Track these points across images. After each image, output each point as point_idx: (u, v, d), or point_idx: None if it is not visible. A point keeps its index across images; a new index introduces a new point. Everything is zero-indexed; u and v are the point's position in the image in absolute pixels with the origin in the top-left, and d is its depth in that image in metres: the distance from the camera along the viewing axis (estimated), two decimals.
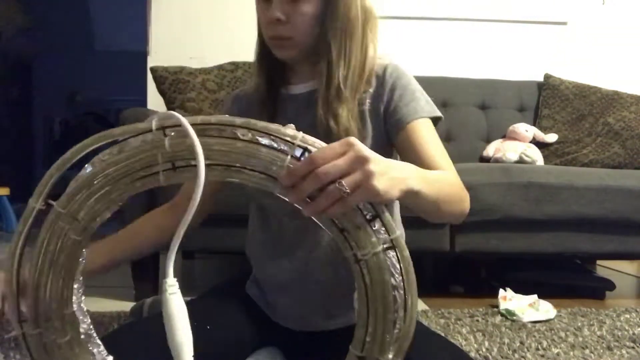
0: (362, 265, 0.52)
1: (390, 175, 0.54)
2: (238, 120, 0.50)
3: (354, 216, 0.52)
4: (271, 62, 0.87)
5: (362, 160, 0.51)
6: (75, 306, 0.54)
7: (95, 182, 0.52)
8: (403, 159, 0.83)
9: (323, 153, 0.50)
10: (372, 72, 0.86)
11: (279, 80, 0.89)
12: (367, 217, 0.52)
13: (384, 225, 0.52)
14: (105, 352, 0.57)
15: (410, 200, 0.61)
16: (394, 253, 0.52)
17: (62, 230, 0.52)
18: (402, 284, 0.52)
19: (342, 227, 0.53)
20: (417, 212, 0.70)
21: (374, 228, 0.52)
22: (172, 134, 0.50)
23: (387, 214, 0.53)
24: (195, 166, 0.50)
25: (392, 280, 0.52)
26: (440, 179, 0.73)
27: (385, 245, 0.52)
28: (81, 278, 0.55)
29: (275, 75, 0.89)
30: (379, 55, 0.88)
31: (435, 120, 0.87)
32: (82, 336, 0.55)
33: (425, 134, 0.83)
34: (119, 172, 0.51)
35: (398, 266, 0.52)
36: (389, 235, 0.52)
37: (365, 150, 0.52)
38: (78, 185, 0.52)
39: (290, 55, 0.83)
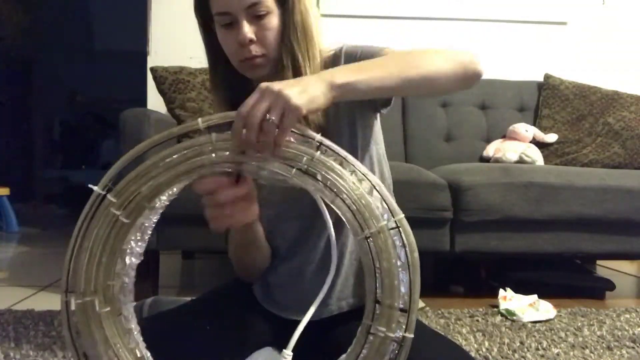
0: (369, 242, 0.59)
1: (308, 88, 0.62)
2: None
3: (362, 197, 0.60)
4: (235, 88, 0.88)
5: (274, 92, 0.60)
6: (117, 283, 0.62)
7: (145, 174, 0.61)
8: None
9: (245, 106, 0.60)
10: (327, 64, 0.88)
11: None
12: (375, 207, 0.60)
13: (389, 208, 0.60)
14: (140, 337, 0.64)
15: (356, 93, 0.66)
16: (398, 232, 0.60)
17: (114, 215, 0.60)
18: (407, 263, 0.59)
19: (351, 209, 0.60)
20: (397, 95, 0.77)
21: (379, 209, 0.60)
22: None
23: (390, 198, 0.61)
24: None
25: (398, 260, 0.59)
26: (376, 59, 0.75)
27: (390, 226, 0.59)
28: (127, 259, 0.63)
29: (241, 99, 0.90)
30: (329, 47, 0.91)
31: None
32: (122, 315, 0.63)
33: (371, 49, 0.86)
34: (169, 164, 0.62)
35: (402, 247, 0.59)
36: (394, 217, 0.60)
37: (275, 84, 0.61)
38: (130, 176, 0.61)
39: (264, 72, 0.85)
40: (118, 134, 1.71)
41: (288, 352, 0.64)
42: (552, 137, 2.25)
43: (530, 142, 2.22)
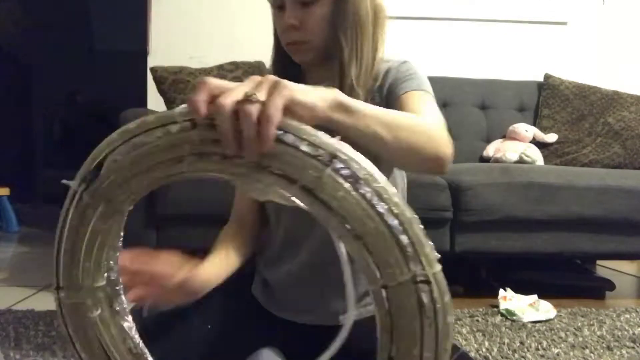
0: (388, 292, 0.45)
1: (313, 92, 0.50)
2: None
3: (383, 240, 0.44)
4: (286, 68, 0.88)
5: (262, 77, 0.47)
6: (105, 281, 0.54)
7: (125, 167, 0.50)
8: None
9: (215, 80, 0.45)
10: (379, 71, 0.85)
11: None
12: (401, 242, 0.44)
13: (420, 255, 0.44)
14: (137, 336, 0.59)
15: (349, 119, 0.54)
16: (429, 289, 0.44)
17: (94, 212, 0.51)
18: (434, 327, 0.45)
19: (368, 250, 0.45)
20: (372, 145, 0.61)
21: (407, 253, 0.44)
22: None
23: (425, 243, 0.45)
24: None
25: (420, 318, 0.45)
26: (396, 111, 0.69)
27: (418, 278, 0.44)
28: (117, 254, 0.55)
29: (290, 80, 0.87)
30: (387, 56, 0.88)
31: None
32: (115, 314, 0.57)
33: (415, 100, 0.80)
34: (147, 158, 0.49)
35: (431, 305, 0.44)
36: (425, 269, 0.44)
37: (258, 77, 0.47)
38: (110, 168, 0.50)
39: (308, 58, 0.84)
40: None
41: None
42: (552, 137, 2.25)
43: (530, 142, 2.22)
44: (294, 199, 0.46)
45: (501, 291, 1.71)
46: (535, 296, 1.67)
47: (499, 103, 2.42)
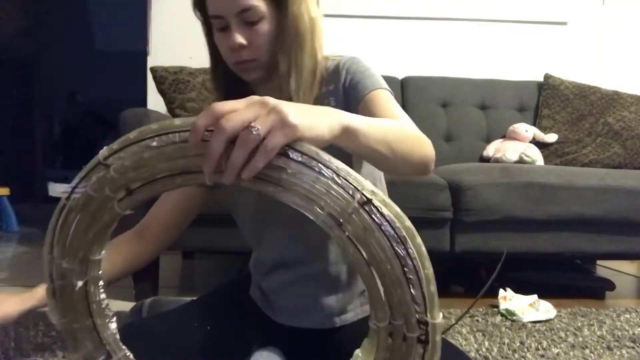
0: (344, 228, 0.47)
1: (313, 113, 0.50)
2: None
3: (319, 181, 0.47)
4: (230, 86, 0.88)
5: (268, 104, 0.46)
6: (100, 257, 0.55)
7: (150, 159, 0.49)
8: None
9: (225, 104, 0.46)
10: (323, 75, 0.87)
11: None
12: (335, 179, 0.47)
13: (351, 183, 0.47)
14: (119, 340, 0.59)
15: (354, 143, 0.56)
16: (374, 207, 0.47)
17: (109, 197, 0.50)
18: (395, 232, 0.47)
19: (311, 199, 0.47)
20: (374, 162, 0.67)
21: (341, 187, 0.47)
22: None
23: (350, 171, 0.48)
24: None
25: (384, 233, 0.47)
26: (384, 120, 0.70)
27: (360, 202, 0.46)
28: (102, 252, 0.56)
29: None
30: (330, 55, 0.89)
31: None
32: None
33: (382, 102, 0.81)
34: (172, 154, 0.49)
35: (384, 219, 0.47)
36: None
37: (268, 97, 0.47)
38: (137, 156, 0.49)
39: (258, 75, 0.84)
40: (118, 134, 1.70)
41: None
42: (552, 137, 2.25)
43: (530, 142, 2.22)
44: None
45: (501, 291, 1.71)
46: (535, 296, 1.67)
47: (499, 103, 2.42)
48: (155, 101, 2.28)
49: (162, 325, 0.85)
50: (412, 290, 0.48)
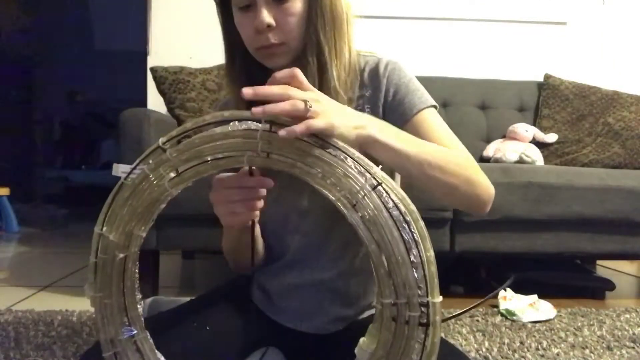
0: (358, 208, 0.54)
1: (348, 118, 0.61)
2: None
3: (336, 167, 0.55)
4: (251, 78, 0.78)
5: (325, 99, 0.60)
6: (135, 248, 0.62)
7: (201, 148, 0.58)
8: None
9: (299, 74, 0.59)
10: (356, 72, 0.81)
11: None
12: (352, 165, 0.56)
13: (363, 167, 0.55)
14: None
15: (377, 151, 0.63)
16: (383, 190, 0.54)
17: (162, 175, 0.58)
18: (401, 215, 0.53)
19: (331, 181, 0.55)
20: (406, 176, 0.70)
21: (357, 172, 0.55)
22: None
23: (364, 159, 0.56)
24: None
25: (391, 215, 0.53)
26: (429, 145, 0.71)
27: (371, 185, 0.54)
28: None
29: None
30: (363, 51, 0.85)
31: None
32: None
33: (430, 124, 0.79)
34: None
35: (392, 202, 0.54)
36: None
37: (324, 96, 0.61)
38: (191, 143, 0.58)
39: (283, 62, 0.76)
40: (118, 134, 1.70)
41: None
42: (552, 137, 2.25)
43: (530, 142, 2.22)
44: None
45: (501, 291, 1.71)
46: (535, 296, 1.67)
47: (499, 103, 2.42)
48: (155, 101, 2.28)
49: (162, 325, 0.85)
50: (414, 271, 0.53)
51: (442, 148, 0.74)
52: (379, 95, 0.81)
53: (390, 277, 0.53)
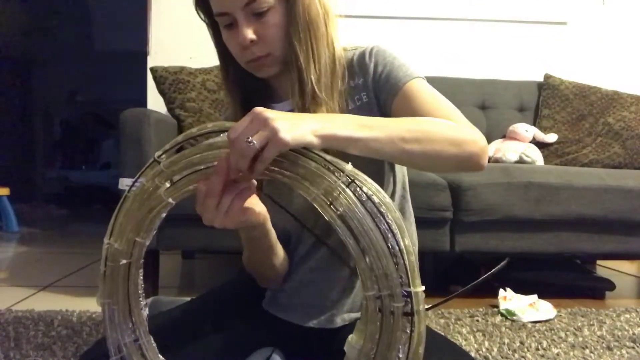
0: (334, 206, 0.55)
1: (301, 125, 0.58)
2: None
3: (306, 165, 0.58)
4: (246, 87, 0.84)
5: (263, 120, 0.56)
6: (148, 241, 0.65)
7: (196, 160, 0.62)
8: None
9: (235, 131, 0.57)
10: (344, 66, 0.84)
11: (260, 102, 0.77)
12: (324, 166, 0.57)
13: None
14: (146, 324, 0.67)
15: (342, 144, 0.62)
16: (357, 186, 0.55)
17: (157, 186, 0.62)
18: (375, 207, 0.54)
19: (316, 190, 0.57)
20: (389, 159, 0.73)
21: (332, 171, 0.57)
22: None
23: (336, 160, 0.57)
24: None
25: (366, 209, 0.54)
26: (401, 121, 0.70)
27: (345, 182, 0.56)
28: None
29: (254, 99, 0.84)
30: (346, 46, 0.87)
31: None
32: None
33: (418, 94, 0.80)
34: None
35: (365, 196, 0.55)
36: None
37: (269, 112, 0.57)
38: (183, 154, 0.62)
39: (273, 71, 0.80)
40: (118, 134, 1.71)
41: None
42: (552, 137, 2.25)
43: (530, 142, 2.22)
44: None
45: (501, 291, 1.71)
46: (535, 296, 1.67)
47: (499, 103, 2.42)
48: (155, 101, 2.28)
49: (162, 325, 0.85)
50: (394, 261, 0.54)
51: (415, 119, 0.74)
52: (369, 79, 0.84)
53: (372, 270, 0.55)
